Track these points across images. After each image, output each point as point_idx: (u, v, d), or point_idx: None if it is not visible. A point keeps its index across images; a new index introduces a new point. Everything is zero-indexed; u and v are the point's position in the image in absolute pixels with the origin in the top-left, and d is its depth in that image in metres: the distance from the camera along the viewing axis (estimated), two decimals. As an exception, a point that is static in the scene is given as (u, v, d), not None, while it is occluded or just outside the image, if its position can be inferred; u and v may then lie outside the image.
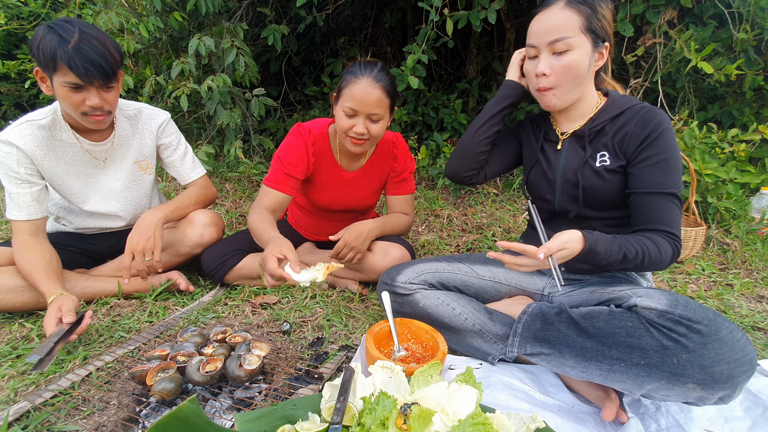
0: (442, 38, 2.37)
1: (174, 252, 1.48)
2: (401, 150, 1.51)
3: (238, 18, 2.72)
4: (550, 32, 0.99)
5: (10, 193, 1.28)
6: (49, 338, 1.04)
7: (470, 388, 0.80)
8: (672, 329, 0.82)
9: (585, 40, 0.99)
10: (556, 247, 0.92)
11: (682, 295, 0.89)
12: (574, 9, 0.99)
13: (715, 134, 2.17)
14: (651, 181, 1.00)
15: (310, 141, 1.41)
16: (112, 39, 1.20)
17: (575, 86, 1.03)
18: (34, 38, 1.14)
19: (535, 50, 1.04)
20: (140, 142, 1.46)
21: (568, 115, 1.13)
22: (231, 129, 2.70)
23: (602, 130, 1.08)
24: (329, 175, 1.48)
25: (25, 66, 4.01)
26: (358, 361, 1.08)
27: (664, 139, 1.00)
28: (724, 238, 1.92)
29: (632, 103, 1.06)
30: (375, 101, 1.25)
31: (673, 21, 2.24)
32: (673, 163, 1.00)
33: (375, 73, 1.27)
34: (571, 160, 1.12)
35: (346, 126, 1.29)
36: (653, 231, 1.00)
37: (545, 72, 1.02)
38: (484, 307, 1.17)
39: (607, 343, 0.89)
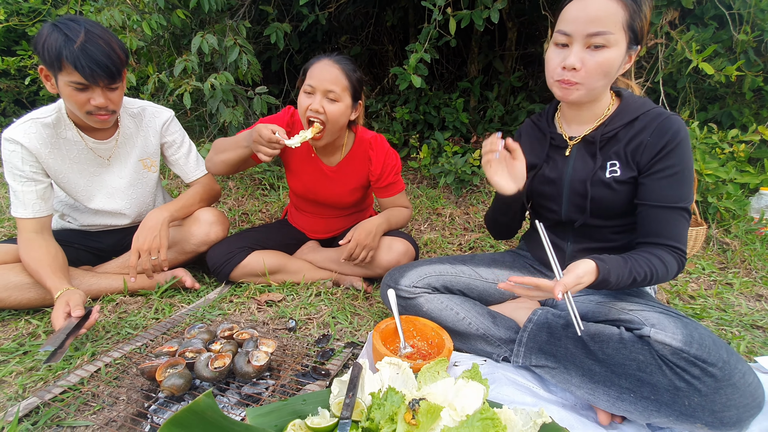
0: (445, 37, 2.38)
1: (180, 250, 1.49)
2: (377, 151, 1.48)
3: (241, 16, 2.72)
4: (592, 23, 0.88)
5: (15, 191, 1.28)
6: (59, 331, 1.04)
7: (477, 384, 0.82)
8: (686, 370, 0.80)
9: (624, 38, 0.89)
10: (572, 282, 0.87)
11: (695, 324, 0.87)
12: (621, 2, 0.88)
13: (715, 134, 2.19)
14: (662, 194, 0.95)
15: (288, 121, 1.44)
16: (117, 38, 1.20)
17: (601, 87, 0.95)
18: (38, 36, 1.13)
19: (567, 38, 0.92)
20: (144, 140, 1.47)
21: (580, 116, 1.05)
22: (233, 127, 2.71)
23: (615, 137, 1.01)
24: (304, 164, 1.50)
25: (24, 62, 3.99)
26: (364, 357, 1.09)
27: (680, 150, 0.94)
28: (723, 237, 1.94)
29: (647, 108, 0.99)
30: (332, 78, 1.27)
31: (675, 22, 2.25)
32: (687, 175, 0.96)
33: (336, 56, 1.31)
34: (579, 169, 1.05)
35: (303, 105, 1.30)
36: (660, 246, 0.96)
37: (575, 66, 0.91)
38: (488, 310, 1.17)
39: (617, 372, 0.88)
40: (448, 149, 2.74)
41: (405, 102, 3.36)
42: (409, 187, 2.73)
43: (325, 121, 1.30)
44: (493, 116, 3.17)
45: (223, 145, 1.39)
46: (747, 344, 1.23)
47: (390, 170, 1.50)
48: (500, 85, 3.26)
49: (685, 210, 0.96)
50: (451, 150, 2.73)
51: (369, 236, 1.39)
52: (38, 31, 1.15)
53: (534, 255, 1.28)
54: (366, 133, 1.50)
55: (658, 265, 0.94)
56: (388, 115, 3.37)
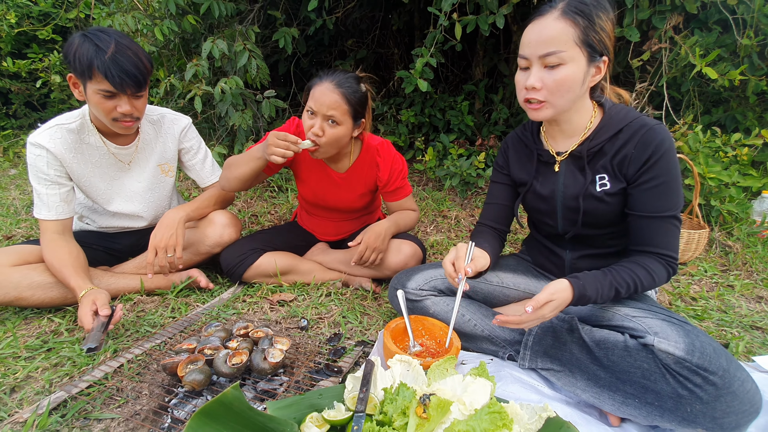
0: (450, 42, 2.42)
1: (194, 251, 1.54)
2: (384, 157, 1.51)
3: (250, 21, 2.77)
4: (543, 44, 0.92)
5: (39, 194, 1.33)
6: (94, 329, 1.10)
7: (484, 381, 0.86)
8: (688, 378, 0.83)
9: (580, 53, 0.92)
10: (543, 299, 0.91)
11: (697, 332, 0.89)
12: (569, 20, 0.91)
13: (718, 138, 2.21)
14: (650, 205, 0.98)
15: (294, 130, 1.49)
16: (143, 49, 1.26)
17: (567, 102, 0.97)
18: (69, 45, 1.19)
19: (526, 61, 0.96)
20: (163, 145, 1.52)
21: (562, 130, 1.07)
22: (242, 130, 2.76)
23: (601, 151, 1.02)
24: (312, 171, 1.54)
25: (35, 65, 4.07)
26: (375, 355, 1.14)
27: (665, 161, 0.96)
28: (726, 240, 1.96)
29: (630, 119, 1.00)
30: (332, 103, 1.29)
31: (679, 26, 2.28)
32: (674, 186, 0.97)
33: (340, 78, 1.31)
34: (570, 185, 1.07)
35: (306, 126, 1.34)
36: (650, 254, 0.99)
37: (535, 86, 0.95)
38: (493, 312, 1.21)
39: (622, 378, 0.91)
40: (453, 152, 2.78)
41: (410, 105, 3.40)
42: (415, 189, 2.77)
43: (323, 143, 1.33)
44: (498, 119, 3.21)
45: (236, 161, 1.42)
46: (746, 344, 1.26)
47: (397, 175, 1.54)
48: (505, 88, 3.30)
49: (674, 218, 0.98)
50: (456, 152, 2.77)
51: (378, 239, 1.43)
52: (69, 41, 1.20)
53: (534, 261, 1.31)
54: (373, 139, 1.54)
55: (642, 274, 0.96)
56: (393, 118, 3.41)
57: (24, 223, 2.20)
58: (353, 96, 1.32)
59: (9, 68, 3.94)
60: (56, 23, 4.12)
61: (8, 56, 4.02)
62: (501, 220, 1.26)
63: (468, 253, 1.06)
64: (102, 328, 1.11)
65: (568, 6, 0.92)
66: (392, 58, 3.83)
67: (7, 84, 4.24)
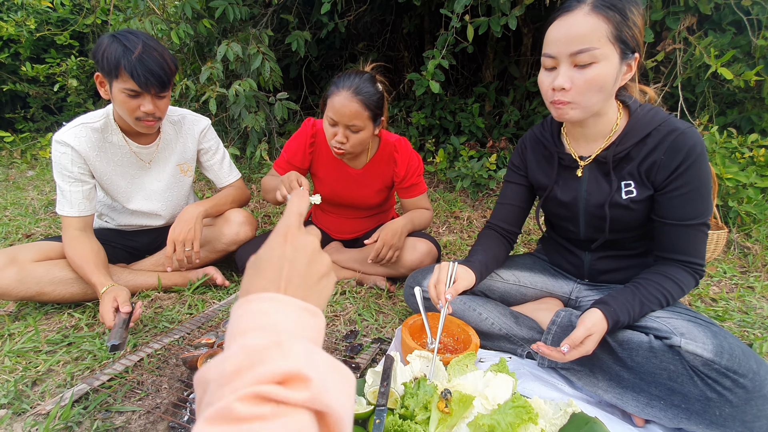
0: (462, 44, 2.43)
1: (211, 249, 1.55)
2: (401, 153, 1.52)
3: (264, 25, 2.81)
4: (573, 42, 0.86)
5: (63, 191, 1.36)
6: (116, 326, 1.11)
7: (506, 376, 0.85)
8: (717, 381, 0.81)
9: (613, 51, 0.86)
10: (581, 335, 0.87)
11: (724, 333, 0.87)
12: (602, 15, 0.85)
13: (735, 139, 2.19)
14: (679, 212, 0.94)
15: (311, 133, 1.53)
16: (168, 51, 1.29)
17: (598, 103, 0.91)
18: (98, 45, 1.22)
19: (553, 61, 0.90)
20: (183, 146, 1.55)
21: (585, 133, 1.02)
22: (255, 132, 2.79)
23: (627, 156, 0.98)
24: (330, 169, 1.56)
25: (53, 69, 4.16)
26: (393, 351, 1.13)
27: (697, 167, 0.91)
28: (744, 241, 1.93)
29: (659, 121, 0.95)
30: (352, 113, 1.30)
31: (693, 27, 2.27)
32: (704, 192, 0.93)
33: (356, 85, 1.31)
34: (594, 192, 1.03)
35: (329, 134, 1.38)
36: (676, 262, 0.97)
37: (564, 86, 0.89)
38: (510, 310, 1.19)
39: (646, 379, 0.88)
40: (464, 153, 2.78)
41: (421, 107, 3.41)
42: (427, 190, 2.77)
43: (349, 149, 1.38)
44: (509, 121, 3.20)
45: (266, 188, 1.54)
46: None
47: (413, 171, 1.55)
48: (516, 90, 3.30)
49: (703, 225, 0.95)
50: (467, 154, 2.77)
51: (395, 236, 1.43)
52: (98, 41, 1.24)
53: (551, 260, 1.30)
54: (390, 136, 1.56)
55: (671, 287, 0.94)
56: (404, 120, 3.43)
57: (42, 222, 2.24)
58: (371, 100, 1.33)
59: (28, 72, 4.03)
60: (74, 29, 4.21)
61: (27, 61, 4.12)
62: (512, 221, 1.23)
63: (449, 275, 1.05)
64: (123, 325, 1.13)
65: (599, 0, 0.87)
66: (402, 61, 3.85)
67: (26, 88, 4.34)
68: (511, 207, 1.23)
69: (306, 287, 0.41)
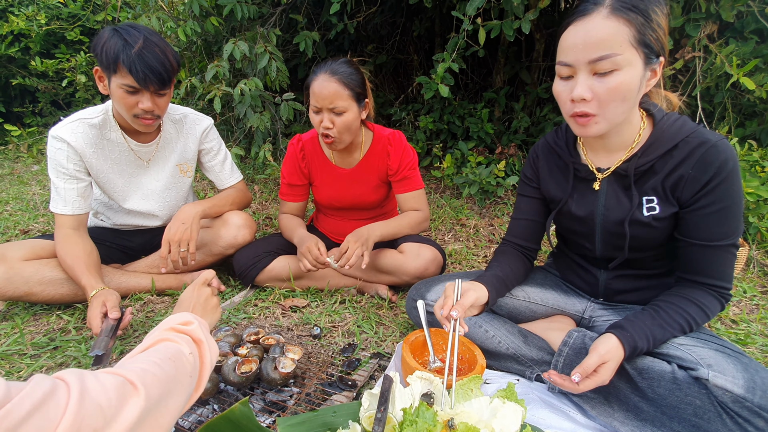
0: (473, 47, 2.37)
1: (208, 252, 1.50)
2: (395, 147, 1.50)
3: (272, 24, 2.77)
4: (593, 48, 0.78)
5: (57, 188, 1.31)
6: (102, 334, 1.06)
7: (515, 405, 0.78)
8: (749, 420, 0.74)
9: (636, 56, 0.79)
10: (593, 363, 0.80)
11: (756, 365, 0.80)
12: (623, 18, 0.77)
13: (755, 152, 2.10)
14: (707, 232, 0.86)
15: (298, 148, 1.54)
16: (172, 48, 1.24)
17: (622, 113, 0.83)
18: (98, 38, 1.18)
19: (570, 69, 0.83)
20: (184, 145, 1.50)
21: (607, 144, 0.94)
22: (260, 132, 2.74)
23: (651, 169, 0.90)
24: (324, 174, 1.55)
25: (62, 65, 4.17)
26: (392, 369, 1.07)
27: (728, 183, 0.83)
28: (765, 260, 1.84)
29: (687, 132, 0.87)
30: (332, 94, 1.29)
31: (713, 35, 2.19)
32: (735, 211, 0.85)
33: (332, 66, 1.31)
34: (612, 207, 0.96)
35: (315, 123, 1.36)
36: (702, 285, 0.89)
37: (585, 97, 0.81)
38: (519, 329, 1.12)
39: (669, 414, 0.81)
40: (472, 159, 2.71)
41: (429, 111, 3.35)
42: (432, 196, 2.71)
43: (337, 135, 1.35)
44: (519, 127, 3.13)
45: (284, 232, 1.56)
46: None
47: (407, 165, 1.50)
48: (526, 96, 3.22)
49: (732, 246, 0.86)
50: (475, 160, 2.70)
51: (360, 239, 1.35)
52: (99, 34, 1.19)
53: (563, 276, 1.22)
54: (384, 130, 1.53)
55: (694, 312, 0.87)
56: (411, 124, 3.37)
57: (41, 218, 2.21)
58: (350, 79, 1.31)
59: (37, 67, 4.04)
60: (82, 24, 4.21)
61: (37, 56, 4.13)
62: (530, 237, 1.15)
63: (455, 293, 0.97)
64: (110, 333, 1.08)
65: (619, 1, 0.79)
66: (411, 64, 3.80)
67: (35, 83, 4.35)
68: (527, 222, 1.15)
69: (202, 313, 0.90)
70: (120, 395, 0.48)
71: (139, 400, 0.49)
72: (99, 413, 0.45)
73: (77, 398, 0.43)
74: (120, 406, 0.47)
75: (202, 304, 0.91)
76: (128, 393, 0.49)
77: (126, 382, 0.50)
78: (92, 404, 0.44)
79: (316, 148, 1.54)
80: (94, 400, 0.45)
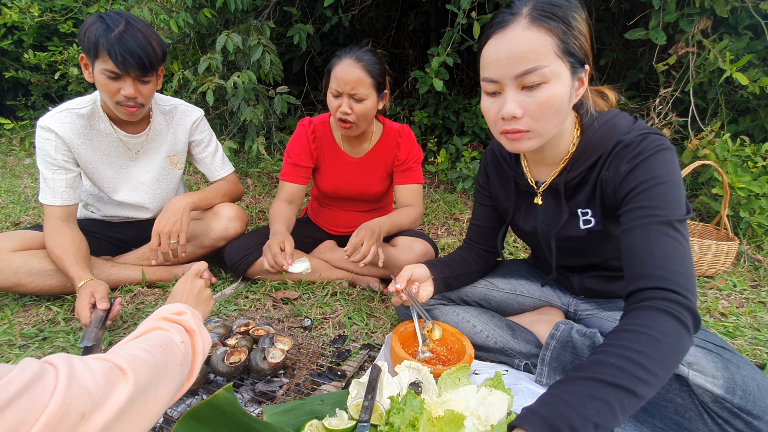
0: (467, 42, 2.36)
1: (198, 244, 1.49)
2: (405, 139, 1.53)
3: (265, 16, 2.75)
4: (517, 62, 0.74)
5: (46, 178, 1.30)
6: (91, 325, 1.06)
7: (501, 393, 0.78)
8: (728, 421, 0.72)
9: (563, 66, 0.74)
10: None
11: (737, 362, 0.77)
12: (544, 27, 0.73)
13: (747, 147, 2.11)
14: (635, 213, 0.75)
15: (310, 130, 1.52)
16: (157, 35, 1.22)
17: (555, 126, 0.79)
18: (83, 25, 1.17)
19: (496, 85, 0.78)
20: (174, 137, 1.48)
21: (543, 158, 0.91)
22: (253, 125, 2.73)
23: (582, 181, 0.88)
24: (332, 160, 1.55)
25: (55, 57, 4.12)
26: (382, 360, 1.07)
27: (646, 164, 0.76)
28: (755, 254, 1.85)
29: (612, 140, 0.82)
30: (355, 80, 1.30)
31: (707, 30, 2.19)
32: (663, 188, 0.74)
33: (357, 53, 1.32)
34: (549, 222, 0.95)
35: (333, 107, 1.36)
36: (648, 297, 0.68)
37: (516, 114, 0.76)
38: (507, 322, 1.13)
39: (650, 411, 0.80)
40: (466, 154, 2.71)
41: (424, 106, 3.34)
42: (426, 191, 2.70)
43: (355, 120, 1.36)
44: (514, 123, 3.14)
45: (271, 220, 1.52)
46: (784, 366, 1.16)
47: (413, 158, 1.54)
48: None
49: (671, 226, 0.71)
50: (469, 155, 2.70)
51: (374, 233, 1.34)
52: (84, 21, 1.18)
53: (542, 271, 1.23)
54: (393, 123, 1.56)
55: (636, 343, 0.62)
56: (406, 119, 3.36)
57: (32, 211, 2.19)
58: (374, 68, 1.33)
59: (30, 60, 4.00)
60: (76, 16, 4.16)
61: (30, 48, 4.09)
62: (487, 242, 1.17)
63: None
64: (99, 324, 1.07)
65: (537, 10, 0.74)
66: (407, 59, 3.79)
67: (28, 75, 4.31)
68: (484, 229, 1.16)
69: (195, 304, 0.91)
70: (108, 380, 0.48)
71: (127, 385, 0.49)
72: (87, 397, 0.45)
73: (65, 381, 0.43)
74: (108, 390, 0.47)
75: (195, 296, 0.92)
76: (117, 378, 0.49)
77: (115, 367, 0.50)
78: (80, 388, 0.44)
79: (327, 133, 1.54)
80: (82, 383, 0.45)
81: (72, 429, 0.42)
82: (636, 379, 0.59)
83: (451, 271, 1.13)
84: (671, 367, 0.63)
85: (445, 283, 1.12)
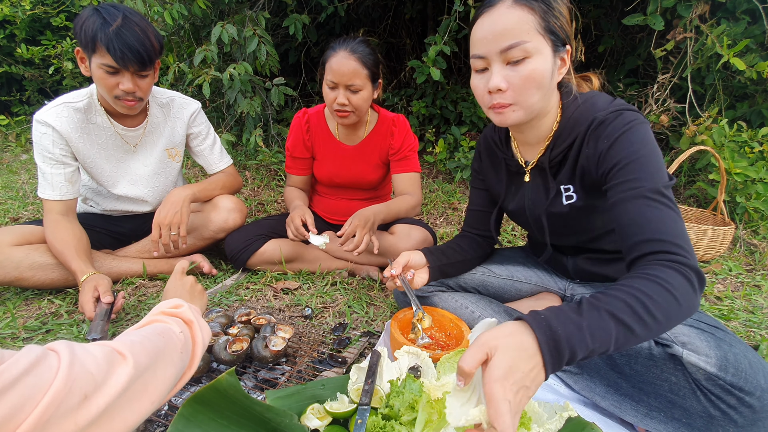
0: (465, 30, 2.34)
1: (198, 236, 1.50)
2: (399, 128, 1.54)
3: (260, 7, 2.72)
4: (501, 37, 0.79)
5: (44, 173, 1.30)
6: (97, 318, 1.07)
7: (499, 376, 0.80)
8: (721, 398, 0.74)
9: (544, 43, 0.80)
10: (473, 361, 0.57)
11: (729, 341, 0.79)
12: (526, 7, 0.79)
13: (744, 132, 2.11)
14: (620, 187, 0.78)
15: (304, 120, 1.55)
16: (155, 29, 1.21)
17: (539, 100, 0.84)
18: (79, 18, 1.16)
19: (484, 61, 0.83)
20: (171, 130, 1.48)
21: (529, 138, 0.95)
22: (250, 118, 2.72)
23: (564, 159, 0.92)
24: (327, 149, 1.57)
25: (49, 52, 4.08)
26: (382, 346, 1.08)
27: (624, 140, 0.79)
28: (751, 239, 1.87)
29: (588, 118, 0.86)
30: (351, 72, 1.31)
31: (705, 15, 2.18)
32: (644, 161, 0.77)
33: (352, 45, 1.34)
34: (536, 199, 0.99)
35: (330, 99, 1.37)
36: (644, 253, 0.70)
37: (501, 87, 0.81)
38: (505, 308, 1.15)
39: (645, 390, 0.82)
40: (464, 144, 2.71)
41: (422, 96, 3.33)
42: (425, 181, 2.71)
43: (352, 111, 1.38)
44: (512, 112, 3.13)
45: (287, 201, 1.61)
46: (777, 347, 1.18)
47: (408, 146, 1.55)
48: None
49: (658, 194, 0.74)
50: (467, 145, 2.70)
51: (368, 221, 1.34)
52: (79, 14, 1.17)
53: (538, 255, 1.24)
54: (388, 113, 1.57)
55: (644, 286, 0.64)
56: (404, 109, 3.35)
57: (31, 206, 2.19)
58: (368, 59, 1.34)
59: (23, 55, 3.96)
60: (69, 9, 4.11)
61: (23, 43, 4.04)
62: (484, 227, 1.18)
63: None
64: (104, 317, 1.08)
65: None
66: (404, 48, 3.75)
67: (21, 70, 4.26)
68: (480, 213, 1.18)
69: (190, 299, 0.94)
70: (109, 362, 0.50)
71: (127, 367, 0.51)
72: (89, 378, 0.46)
73: (68, 363, 0.45)
74: (109, 371, 0.49)
75: (189, 291, 0.95)
76: (117, 361, 0.51)
77: (114, 351, 0.52)
78: (82, 369, 0.46)
79: (321, 123, 1.56)
80: (84, 365, 0.47)
81: (74, 409, 0.44)
82: (639, 320, 0.62)
83: (447, 258, 1.14)
84: (673, 318, 0.64)
85: (441, 270, 1.13)
